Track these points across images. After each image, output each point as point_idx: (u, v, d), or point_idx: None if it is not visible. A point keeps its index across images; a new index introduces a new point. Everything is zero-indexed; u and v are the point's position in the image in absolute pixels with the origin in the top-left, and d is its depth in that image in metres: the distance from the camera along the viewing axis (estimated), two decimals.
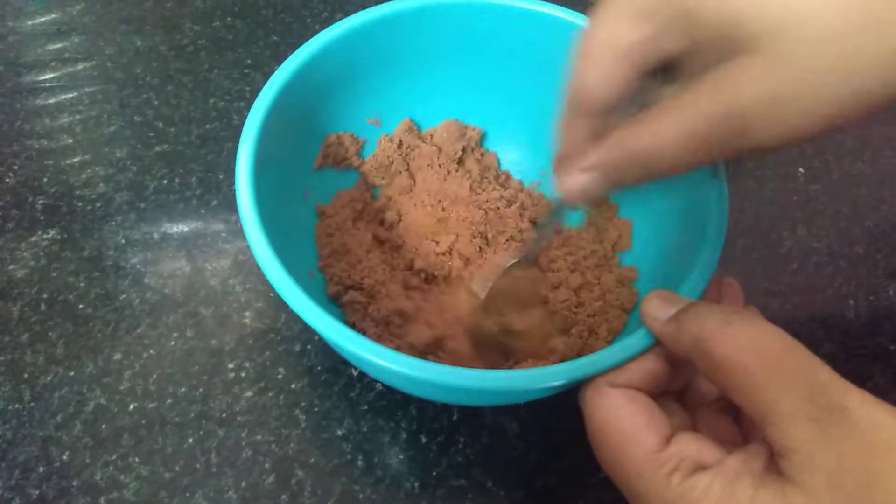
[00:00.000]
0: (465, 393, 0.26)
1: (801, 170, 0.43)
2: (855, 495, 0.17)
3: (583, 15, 0.33)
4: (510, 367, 0.32)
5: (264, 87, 0.30)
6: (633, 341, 0.24)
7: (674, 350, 0.23)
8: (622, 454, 0.22)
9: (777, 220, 0.41)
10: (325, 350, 0.34)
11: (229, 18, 0.49)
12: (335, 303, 0.33)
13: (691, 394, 0.26)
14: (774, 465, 0.19)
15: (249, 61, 0.46)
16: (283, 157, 0.31)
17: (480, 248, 0.36)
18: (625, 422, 0.22)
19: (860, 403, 0.18)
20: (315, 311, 0.24)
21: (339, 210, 0.36)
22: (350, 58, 0.34)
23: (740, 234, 0.40)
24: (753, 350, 0.19)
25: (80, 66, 0.46)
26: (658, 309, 0.23)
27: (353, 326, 0.32)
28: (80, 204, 0.39)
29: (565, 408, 0.33)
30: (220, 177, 0.41)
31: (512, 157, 0.40)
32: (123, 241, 0.38)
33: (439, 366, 0.23)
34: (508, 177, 0.39)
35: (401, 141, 0.38)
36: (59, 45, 0.47)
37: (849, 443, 0.17)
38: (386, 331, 0.32)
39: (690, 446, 0.21)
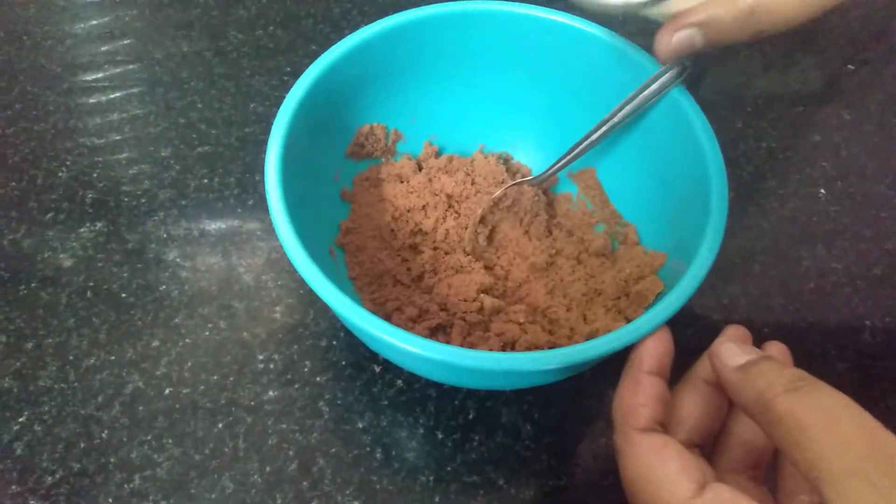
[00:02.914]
0: (448, 369, 0.28)
1: (822, 191, 0.43)
2: None
3: (606, 29, 0.35)
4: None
5: (296, 82, 0.32)
6: (639, 324, 0.25)
7: (735, 398, 0.23)
8: (657, 502, 0.22)
9: (797, 240, 0.41)
10: (351, 346, 0.36)
11: (271, 27, 0.51)
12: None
13: (721, 457, 0.26)
14: None
15: (289, 69, 0.48)
16: (312, 147, 0.33)
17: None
18: (657, 470, 0.22)
19: None
20: (333, 291, 0.26)
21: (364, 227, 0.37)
22: (381, 57, 0.35)
23: (759, 252, 0.41)
24: (817, 409, 0.20)
25: (129, 68, 0.48)
26: (730, 355, 0.23)
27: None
28: (126, 199, 0.42)
29: (580, 411, 0.34)
30: (257, 178, 0.43)
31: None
32: (165, 236, 0.40)
33: (436, 344, 0.25)
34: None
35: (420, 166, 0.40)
36: (110, 47, 0.50)
37: None
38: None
39: (725, 494, 0.21)
